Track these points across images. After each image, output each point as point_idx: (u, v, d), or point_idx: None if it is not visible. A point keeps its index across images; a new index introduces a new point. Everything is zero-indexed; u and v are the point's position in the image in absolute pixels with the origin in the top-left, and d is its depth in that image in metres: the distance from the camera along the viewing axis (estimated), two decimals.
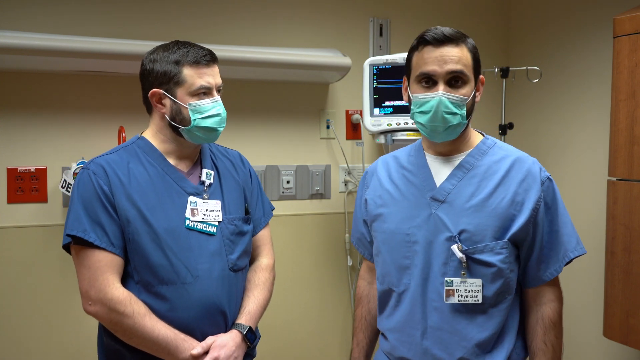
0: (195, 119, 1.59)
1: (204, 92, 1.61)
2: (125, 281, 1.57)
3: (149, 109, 1.67)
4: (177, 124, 1.61)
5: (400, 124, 2.46)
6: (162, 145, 1.66)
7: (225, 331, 1.64)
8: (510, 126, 2.72)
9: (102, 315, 1.53)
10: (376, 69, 2.49)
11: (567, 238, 1.55)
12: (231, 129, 2.44)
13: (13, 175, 2.30)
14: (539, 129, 2.90)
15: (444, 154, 1.58)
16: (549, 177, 1.54)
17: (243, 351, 1.65)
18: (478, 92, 1.54)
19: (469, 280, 1.48)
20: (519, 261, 1.56)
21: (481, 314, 1.50)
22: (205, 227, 1.62)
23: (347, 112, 2.81)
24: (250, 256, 1.78)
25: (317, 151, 2.78)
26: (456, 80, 1.48)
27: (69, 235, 1.53)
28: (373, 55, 2.81)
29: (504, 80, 2.71)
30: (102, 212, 1.54)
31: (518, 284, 1.58)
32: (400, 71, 2.47)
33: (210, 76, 1.61)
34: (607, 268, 2.15)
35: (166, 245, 1.57)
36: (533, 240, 1.53)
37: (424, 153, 1.61)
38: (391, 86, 2.49)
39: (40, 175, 2.33)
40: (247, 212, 1.76)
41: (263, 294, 1.74)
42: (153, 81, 1.61)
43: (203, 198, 1.65)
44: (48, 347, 2.35)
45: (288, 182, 2.72)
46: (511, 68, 2.70)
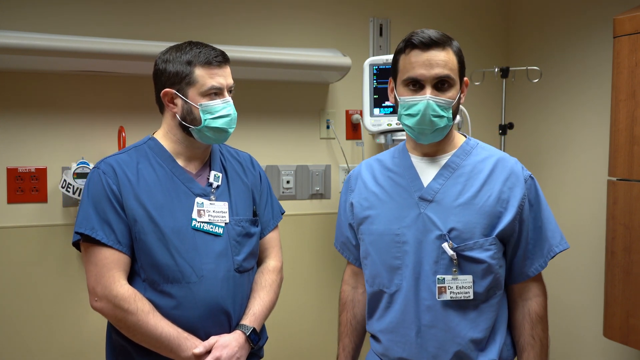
0: (205, 119, 1.60)
1: (215, 93, 1.62)
2: (132, 279, 1.60)
3: (162, 109, 1.68)
4: (188, 124, 1.62)
5: (400, 124, 2.45)
6: (172, 145, 1.67)
7: (229, 332, 1.65)
8: (510, 126, 2.73)
9: (107, 311, 1.55)
10: (376, 69, 2.49)
11: (551, 234, 1.59)
12: None
13: (13, 175, 2.30)
14: (539, 129, 2.90)
15: (430, 155, 1.60)
16: (531, 176, 1.59)
17: (246, 352, 1.65)
18: (462, 94, 1.57)
19: (460, 277, 1.51)
20: (506, 257, 1.58)
21: (473, 310, 1.52)
22: (211, 228, 1.63)
23: (347, 112, 2.81)
24: (257, 258, 1.79)
25: (317, 151, 2.78)
26: (442, 83, 1.51)
27: (78, 232, 1.56)
28: (373, 55, 2.81)
29: (504, 80, 2.71)
30: (111, 211, 1.56)
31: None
32: None
33: (221, 77, 1.62)
34: (607, 268, 2.15)
35: (172, 245, 1.58)
36: (519, 236, 1.56)
37: (409, 154, 1.63)
38: None
39: (40, 175, 2.33)
40: (255, 214, 1.76)
41: (269, 296, 1.75)
42: (165, 81, 1.62)
43: (210, 199, 1.66)
44: (48, 347, 2.35)
45: (288, 182, 2.72)
46: (511, 68, 2.70)
